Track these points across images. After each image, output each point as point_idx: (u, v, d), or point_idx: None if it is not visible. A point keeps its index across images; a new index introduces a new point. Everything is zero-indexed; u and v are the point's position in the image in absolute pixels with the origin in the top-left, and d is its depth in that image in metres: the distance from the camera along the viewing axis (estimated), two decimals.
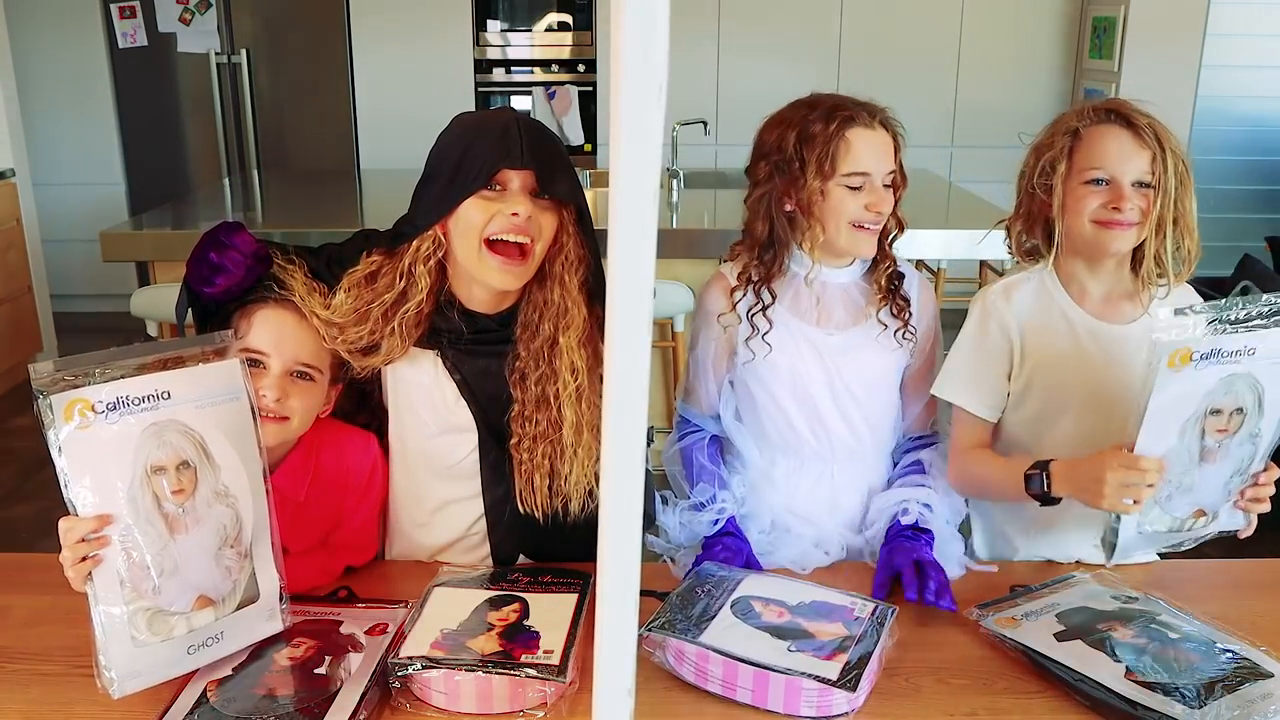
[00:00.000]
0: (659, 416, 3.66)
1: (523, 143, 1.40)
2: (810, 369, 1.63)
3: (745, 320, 1.63)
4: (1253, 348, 1.36)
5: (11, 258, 4.71)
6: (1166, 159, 1.47)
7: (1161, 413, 1.35)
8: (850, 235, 1.57)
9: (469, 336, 1.51)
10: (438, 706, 1.24)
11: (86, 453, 1.17)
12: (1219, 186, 5.46)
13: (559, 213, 1.45)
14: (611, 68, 0.52)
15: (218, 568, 1.25)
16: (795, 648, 1.28)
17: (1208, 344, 1.34)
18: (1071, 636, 1.33)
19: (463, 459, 1.56)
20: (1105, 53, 5.16)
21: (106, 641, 1.19)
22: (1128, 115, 1.50)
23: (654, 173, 0.53)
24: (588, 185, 4.47)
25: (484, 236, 1.42)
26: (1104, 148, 1.49)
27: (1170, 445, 1.38)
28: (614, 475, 0.59)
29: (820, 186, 1.54)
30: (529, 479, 1.48)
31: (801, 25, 5.40)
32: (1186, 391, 1.36)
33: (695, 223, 3.71)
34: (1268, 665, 1.26)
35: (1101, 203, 1.50)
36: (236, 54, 5.44)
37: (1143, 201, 1.49)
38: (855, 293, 1.67)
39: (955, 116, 5.46)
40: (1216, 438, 1.40)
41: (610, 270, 0.56)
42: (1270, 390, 1.40)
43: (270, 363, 1.43)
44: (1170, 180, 1.47)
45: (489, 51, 5.49)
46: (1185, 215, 1.50)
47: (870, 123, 1.55)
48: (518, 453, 1.48)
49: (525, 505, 1.49)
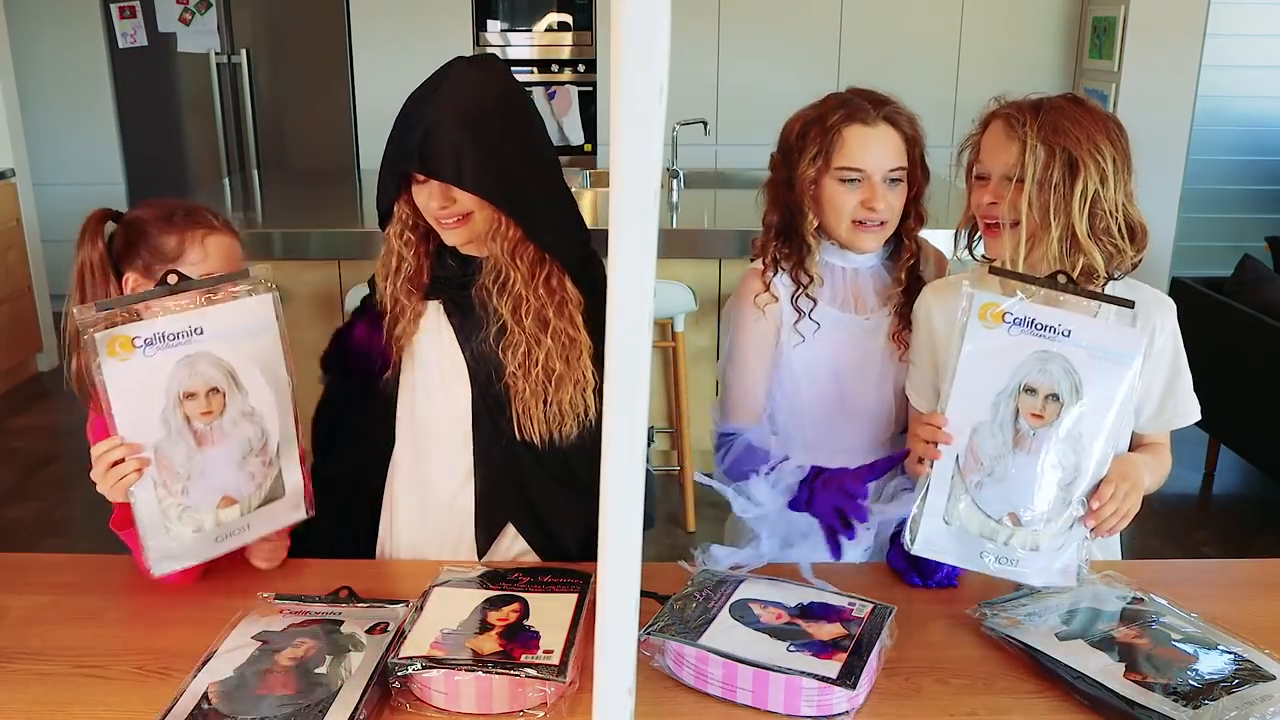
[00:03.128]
0: (659, 416, 3.66)
1: (417, 152, 1.47)
2: (847, 352, 1.64)
3: (789, 304, 1.63)
4: (1068, 329, 1.33)
5: (11, 258, 4.71)
6: (1025, 151, 1.41)
7: (971, 370, 1.33)
8: (850, 231, 1.59)
9: (463, 278, 1.59)
10: (438, 706, 1.24)
11: (125, 383, 1.35)
12: (1219, 186, 5.47)
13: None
14: (611, 68, 0.52)
15: (241, 474, 1.46)
16: (794, 648, 1.28)
17: (1020, 309, 1.32)
18: (1073, 636, 1.33)
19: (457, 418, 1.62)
20: (1105, 53, 5.16)
21: (145, 532, 1.39)
22: (1007, 106, 1.47)
23: (654, 173, 0.53)
24: (588, 185, 4.48)
25: (431, 216, 1.55)
26: (984, 142, 1.50)
27: (981, 418, 1.35)
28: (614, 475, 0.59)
29: (814, 177, 1.57)
30: (526, 408, 1.55)
31: (801, 25, 5.40)
32: (998, 353, 1.33)
33: (695, 223, 3.72)
34: (1270, 668, 1.26)
35: (977, 198, 1.49)
36: (236, 54, 5.44)
37: (1007, 196, 1.44)
38: (885, 275, 1.69)
39: (955, 116, 5.45)
40: (1031, 423, 1.34)
41: (611, 270, 0.56)
42: (1091, 388, 1.33)
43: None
44: (1030, 173, 1.41)
45: (489, 51, 5.49)
46: (1069, 213, 1.41)
47: (872, 120, 1.56)
48: (514, 382, 1.55)
49: (524, 433, 1.56)
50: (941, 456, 1.35)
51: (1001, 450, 1.35)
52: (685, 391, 3.46)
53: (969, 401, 1.35)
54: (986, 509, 1.37)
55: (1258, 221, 5.43)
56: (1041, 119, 1.42)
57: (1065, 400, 1.34)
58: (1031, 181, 1.42)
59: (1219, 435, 3.80)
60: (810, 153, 1.56)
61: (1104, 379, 1.33)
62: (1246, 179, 5.53)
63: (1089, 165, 1.41)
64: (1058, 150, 1.41)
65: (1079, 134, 1.42)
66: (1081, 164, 1.41)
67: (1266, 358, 3.40)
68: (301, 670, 1.27)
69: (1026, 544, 1.37)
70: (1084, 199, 1.42)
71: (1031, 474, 1.35)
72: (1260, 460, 3.67)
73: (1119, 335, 1.33)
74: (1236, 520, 3.69)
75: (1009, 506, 1.36)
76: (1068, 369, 1.33)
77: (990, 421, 1.35)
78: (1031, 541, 1.37)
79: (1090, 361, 1.33)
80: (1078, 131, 1.42)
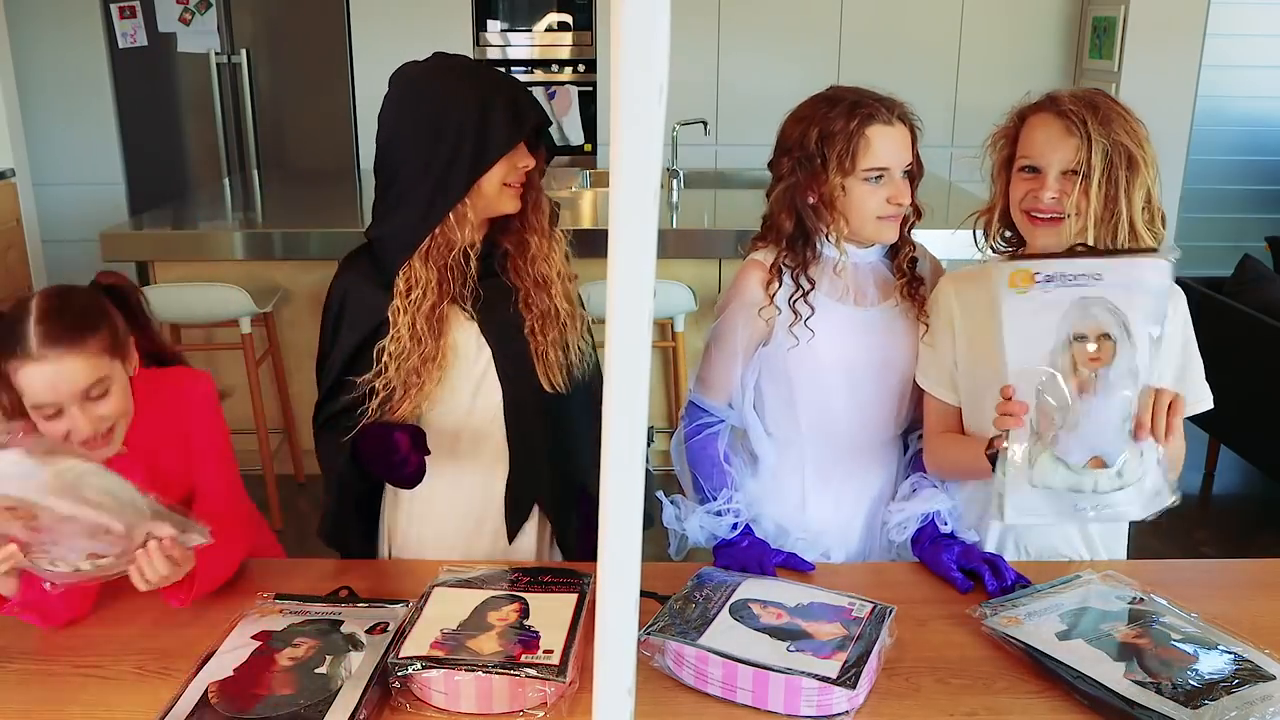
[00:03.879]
0: (659, 416, 3.66)
1: (535, 113, 1.59)
2: (852, 348, 1.65)
3: (787, 308, 1.64)
4: (1098, 273, 1.35)
5: (11, 258, 4.71)
6: (1092, 146, 1.43)
7: (1019, 337, 1.36)
8: (875, 226, 1.61)
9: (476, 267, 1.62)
10: (438, 706, 1.24)
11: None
12: (1219, 186, 5.46)
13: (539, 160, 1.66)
14: (611, 68, 0.51)
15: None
16: (794, 648, 1.28)
17: (1046, 266, 1.35)
18: (1073, 636, 1.33)
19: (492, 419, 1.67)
20: (1105, 53, 5.16)
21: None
22: (1058, 100, 1.47)
23: (654, 173, 0.53)
24: (588, 185, 4.48)
25: (513, 182, 1.60)
26: (1032, 135, 1.49)
27: (1041, 377, 1.37)
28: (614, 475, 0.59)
29: (841, 182, 1.58)
30: (544, 356, 1.65)
31: (801, 25, 5.39)
32: (1038, 312, 1.35)
33: (695, 223, 3.71)
34: (1270, 668, 1.26)
35: (1027, 190, 1.49)
36: (236, 54, 5.43)
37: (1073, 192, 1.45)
38: (884, 269, 1.70)
39: (955, 116, 5.45)
40: (1091, 367, 1.37)
41: (611, 270, 0.55)
42: (1137, 322, 1.36)
43: (67, 407, 1.40)
44: (1097, 169, 1.43)
45: (489, 51, 5.49)
46: (1131, 206, 1.45)
47: (889, 119, 1.58)
48: (533, 338, 1.65)
49: (548, 382, 1.65)
50: (1023, 423, 1.38)
51: (1069, 401, 1.37)
52: (685, 391, 3.45)
53: (1026, 365, 1.37)
54: (1069, 459, 1.39)
55: (1258, 221, 5.42)
56: (1100, 115, 1.45)
57: (1116, 336, 1.36)
58: (1099, 175, 1.44)
59: (1219, 435, 3.79)
60: (835, 160, 1.56)
61: (1146, 308, 1.36)
62: (1246, 179, 5.52)
63: (1144, 160, 1.46)
64: (1120, 146, 1.44)
65: (1133, 129, 1.46)
66: (1139, 160, 1.45)
67: (1266, 358, 3.40)
68: (301, 670, 1.27)
69: (1112, 484, 1.39)
70: (1142, 192, 1.46)
71: (1104, 420, 1.38)
72: (1260, 460, 3.67)
73: (1148, 266, 1.37)
74: (1236, 520, 3.68)
75: (1090, 452, 1.38)
76: (1112, 309, 1.36)
77: (1051, 379, 1.37)
78: (1116, 482, 1.39)
79: (1129, 296, 1.36)
80: (1131, 127, 1.46)
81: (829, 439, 1.70)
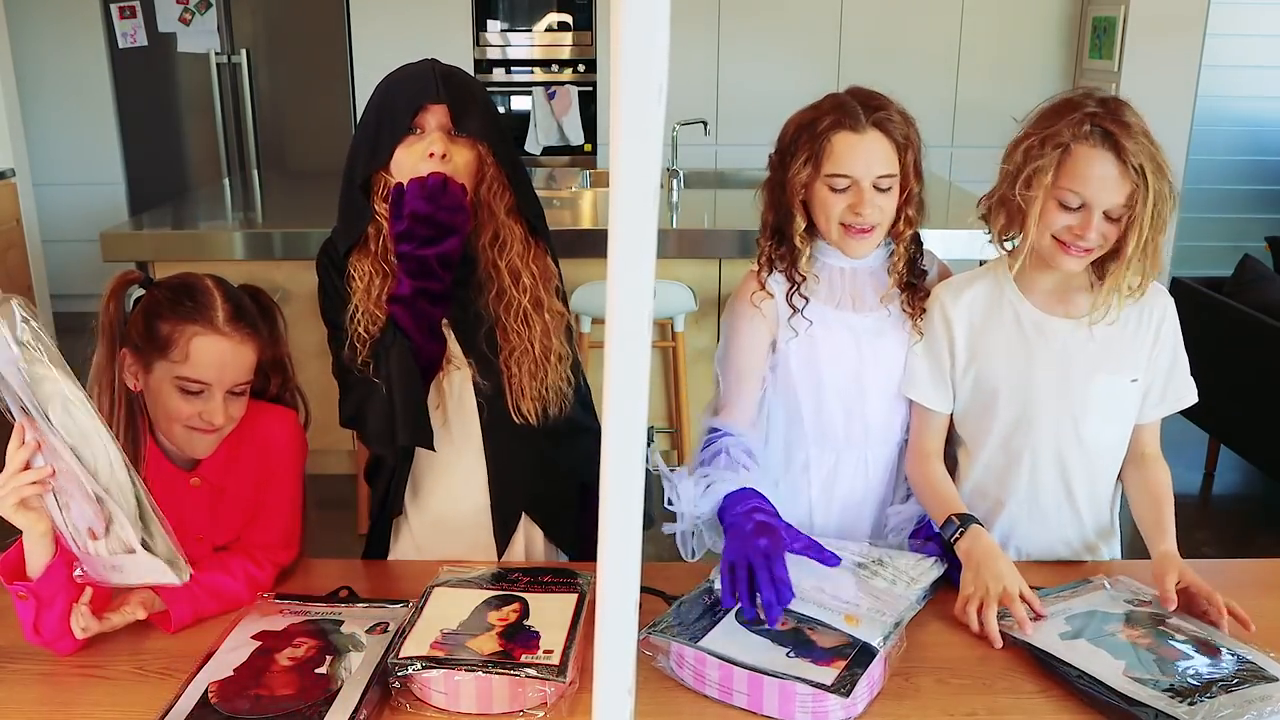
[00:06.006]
0: (659, 416, 3.66)
1: (437, 82, 1.52)
2: (847, 351, 1.65)
3: (784, 301, 1.64)
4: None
5: (11, 258, 4.71)
6: (1148, 194, 1.43)
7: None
8: (840, 235, 1.60)
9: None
10: (438, 706, 1.24)
11: None
12: (1219, 186, 5.47)
13: (476, 149, 1.55)
14: (611, 68, 0.51)
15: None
16: (794, 654, 1.27)
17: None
18: (1074, 636, 1.33)
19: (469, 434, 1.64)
20: (1105, 53, 5.16)
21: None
22: (1117, 140, 1.44)
23: (654, 173, 0.53)
24: (588, 185, 4.47)
25: (413, 176, 1.50)
26: (1087, 172, 1.45)
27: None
28: (614, 475, 0.59)
29: (805, 181, 1.58)
30: (519, 389, 1.59)
31: (801, 25, 5.40)
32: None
33: (695, 223, 3.71)
34: (1270, 668, 1.26)
35: (1067, 224, 1.49)
36: (236, 54, 5.44)
37: (1110, 230, 1.47)
38: (883, 275, 1.69)
39: (955, 116, 5.45)
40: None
41: (610, 270, 0.55)
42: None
43: (213, 391, 1.43)
44: (1146, 215, 1.44)
45: (489, 51, 5.49)
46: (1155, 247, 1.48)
47: (861, 128, 1.55)
48: (506, 366, 1.59)
49: (518, 415, 1.59)
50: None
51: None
52: (685, 391, 3.46)
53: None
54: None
55: (1258, 221, 5.42)
56: (1147, 153, 1.44)
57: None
58: (1146, 216, 1.44)
59: (1219, 435, 3.79)
60: (801, 157, 1.58)
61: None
62: (1246, 179, 5.53)
63: (1173, 191, 1.47)
64: (1165, 185, 1.45)
65: (1164, 161, 1.46)
66: (1173, 192, 1.46)
67: (1267, 358, 3.40)
68: (301, 670, 1.27)
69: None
70: (1171, 218, 1.48)
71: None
72: (1260, 460, 3.67)
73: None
74: (1236, 520, 3.68)
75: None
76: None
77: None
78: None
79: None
80: (1163, 158, 1.46)
81: (832, 445, 1.70)
